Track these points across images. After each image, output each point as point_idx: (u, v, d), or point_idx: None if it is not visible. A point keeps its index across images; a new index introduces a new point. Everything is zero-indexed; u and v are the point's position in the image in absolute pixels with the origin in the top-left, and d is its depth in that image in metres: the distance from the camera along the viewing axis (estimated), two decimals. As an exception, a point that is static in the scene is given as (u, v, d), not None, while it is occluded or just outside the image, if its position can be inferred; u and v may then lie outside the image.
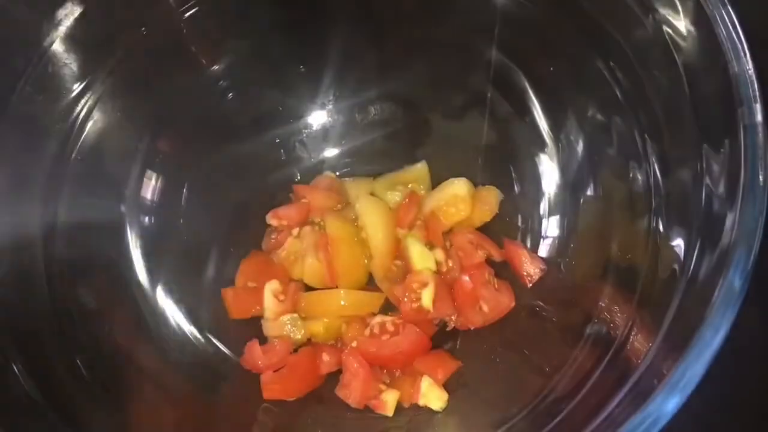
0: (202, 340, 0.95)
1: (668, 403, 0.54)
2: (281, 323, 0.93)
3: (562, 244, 0.93)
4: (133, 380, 0.85)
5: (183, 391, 0.89)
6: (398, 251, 0.96)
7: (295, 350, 0.93)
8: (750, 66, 0.61)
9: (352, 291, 0.94)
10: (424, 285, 0.91)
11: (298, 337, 0.93)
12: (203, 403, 0.89)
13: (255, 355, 0.90)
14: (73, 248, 0.87)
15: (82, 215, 0.89)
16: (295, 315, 0.94)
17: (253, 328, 0.96)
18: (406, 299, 0.91)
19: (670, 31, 0.68)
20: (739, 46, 0.62)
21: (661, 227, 0.73)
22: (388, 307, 0.96)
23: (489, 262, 0.96)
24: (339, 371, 0.91)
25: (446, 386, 0.89)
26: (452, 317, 0.93)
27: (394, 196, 1.02)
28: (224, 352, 0.95)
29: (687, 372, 0.55)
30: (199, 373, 0.92)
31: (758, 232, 0.58)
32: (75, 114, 0.87)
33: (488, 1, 0.88)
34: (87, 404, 0.78)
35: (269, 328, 0.94)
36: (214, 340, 0.95)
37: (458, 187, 0.97)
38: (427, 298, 0.90)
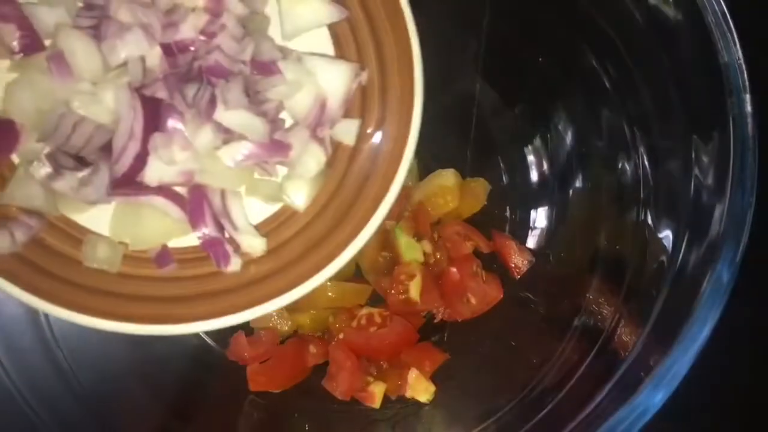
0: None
1: (655, 395, 0.54)
2: (268, 315, 0.92)
3: (550, 235, 0.93)
4: (117, 372, 0.84)
5: (168, 383, 0.88)
6: (386, 242, 0.95)
7: (282, 342, 0.92)
8: (740, 56, 0.61)
9: (338, 283, 0.93)
10: (412, 277, 0.90)
11: (285, 328, 0.92)
12: (189, 395, 0.88)
13: (241, 346, 0.89)
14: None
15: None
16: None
17: (239, 319, 0.95)
18: (393, 291, 0.90)
19: (660, 21, 0.67)
20: (729, 36, 0.62)
21: (649, 219, 0.73)
22: (375, 299, 0.95)
23: (477, 253, 0.95)
24: (326, 363, 0.91)
25: (433, 378, 0.88)
26: (440, 309, 0.93)
27: (382, 187, 1.01)
28: (210, 343, 0.94)
29: (674, 365, 0.55)
30: (184, 365, 0.92)
31: (747, 225, 0.58)
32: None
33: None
34: (70, 398, 0.77)
35: (256, 320, 0.93)
36: (200, 332, 0.94)
37: (446, 178, 0.96)
38: (414, 289, 0.90)
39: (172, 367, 0.90)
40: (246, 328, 0.93)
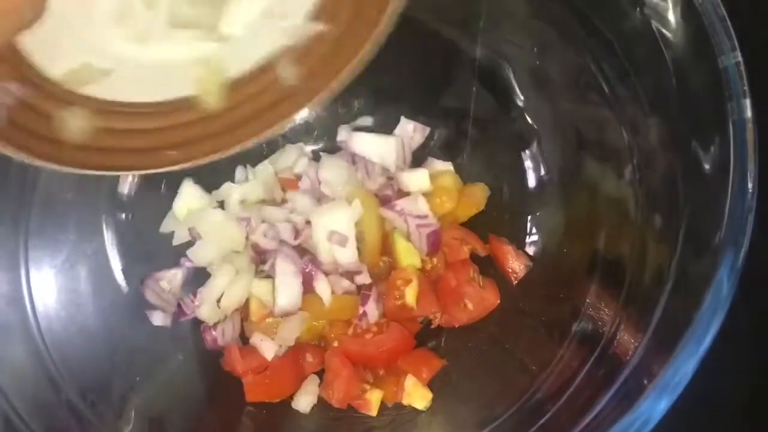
0: (182, 340, 0.93)
1: (659, 404, 0.54)
2: (266, 326, 0.91)
3: (548, 240, 0.93)
4: (109, 383, 0.83)
5: (163, 395, 0.87)
6: (385, 247, 0.94)
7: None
8: (739, 60, 0.61)
9: (335, 295, 0.92)
10: (408, 282, 0.90)
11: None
12: (185, 408, 0.87)
13: (235, 360, 0.88)
14: (48, 245, 0.85)
15: (57, 211, 0.87)
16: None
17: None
18: (389, 296, 0.90)
19: (658, 24, 0.67)
20: (728, 40, 0.61)
21: (648, 224, 0.72)
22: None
23: (474, 258, 0.95)
24: (323, 371, 0.90)
25: (430, 385, 0.88)
26: (436, 315, 0.92)
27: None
28: (206, 354, 0.93)
29: (678, 372, 0.54)
30: (179, 377, 0.91)
31: (747, 230, 0.58)
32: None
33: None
34: (61, 407, 0.76)
35: (250, 330, 0.92)
36: (195, 341, 0.94)
37: (443, 179, 0.96)
38: (410, 295, 0.89)
39: (167, 378, 0.89)
40: (241, 338, 0.93)
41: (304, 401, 0.88)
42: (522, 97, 0.93)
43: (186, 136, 0.68)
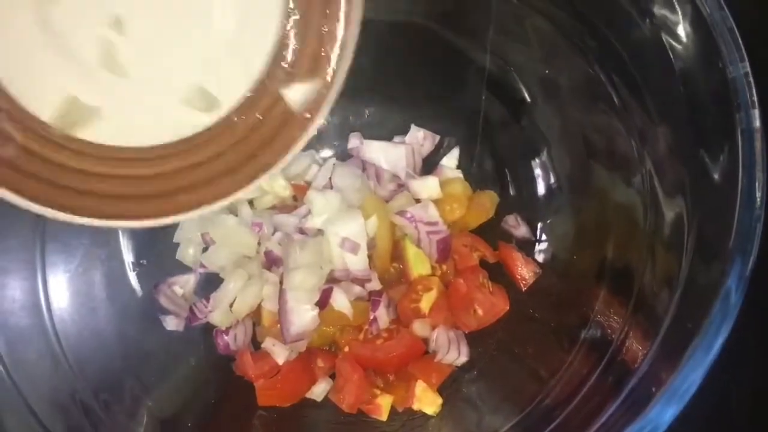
0: (195, 344, 0.94)
1: (667, 411, 0.54)
2: (277, 331, 0.92)
3: (557, 247, 0.93)
4: (123, 385, 0.84)
5: (176, 398, 0.88)
6: (396, 254, 0.95)
7: (289, 355, 0.92)
8: (748, 70, 0.61)
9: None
10: (428, 289, 0.91)
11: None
12: (197, 412, 0.88)
13: (247, 365, 0.89)
14: (62, 250, 0.86)
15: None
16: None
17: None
18: (405, 297, 0.91)
19: (667, 35, 0.67)
20: (737, 51, 0.62)
21: (657, 232, 0.72)
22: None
23: (484, 265, 0.95)
24: (334, 375, 0.91)
25: (440, 390, 0.89)
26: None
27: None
28: (218, 357, 0.94)
29: (686, 379, 0.54)
30: (193, 381, 0.92)
31: (756, 239, 0.58)
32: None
33: (482, 4, 0.88)
34: (76, 410, 0.77)
35: (264, 335, 0.93)
36: (207, 345, 0.95)
37: (453, 186, 0.97)
38: (426, 302, 0.90)
39: (179, 381, 0.90)
40: (253, 343, 0.94)
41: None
42: (531, 106, 0.93)
43: (192, 178, 0.67)
